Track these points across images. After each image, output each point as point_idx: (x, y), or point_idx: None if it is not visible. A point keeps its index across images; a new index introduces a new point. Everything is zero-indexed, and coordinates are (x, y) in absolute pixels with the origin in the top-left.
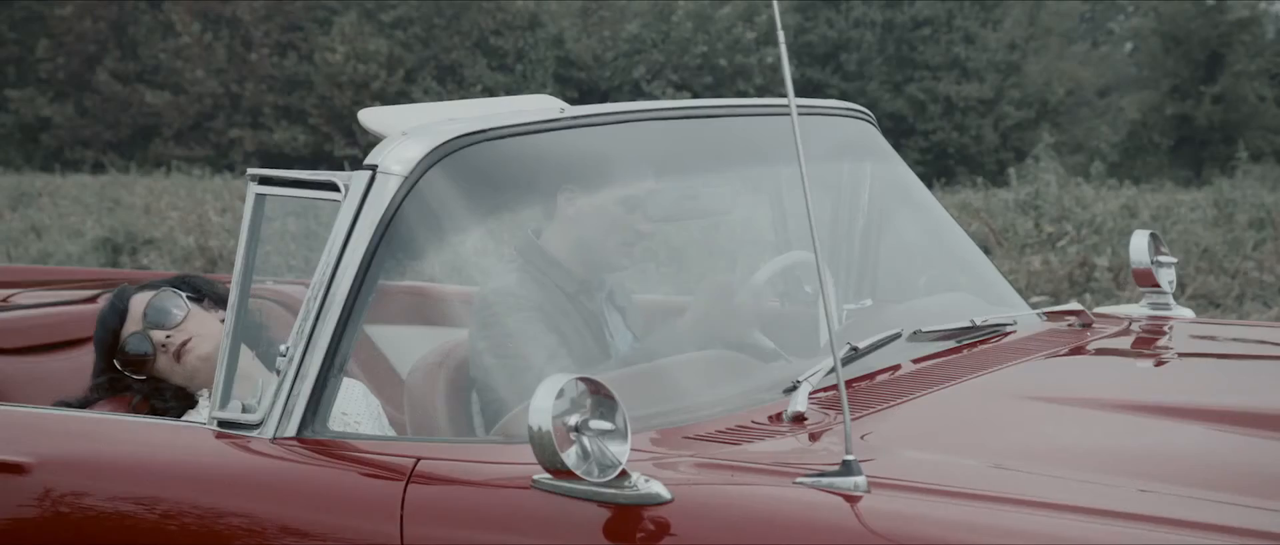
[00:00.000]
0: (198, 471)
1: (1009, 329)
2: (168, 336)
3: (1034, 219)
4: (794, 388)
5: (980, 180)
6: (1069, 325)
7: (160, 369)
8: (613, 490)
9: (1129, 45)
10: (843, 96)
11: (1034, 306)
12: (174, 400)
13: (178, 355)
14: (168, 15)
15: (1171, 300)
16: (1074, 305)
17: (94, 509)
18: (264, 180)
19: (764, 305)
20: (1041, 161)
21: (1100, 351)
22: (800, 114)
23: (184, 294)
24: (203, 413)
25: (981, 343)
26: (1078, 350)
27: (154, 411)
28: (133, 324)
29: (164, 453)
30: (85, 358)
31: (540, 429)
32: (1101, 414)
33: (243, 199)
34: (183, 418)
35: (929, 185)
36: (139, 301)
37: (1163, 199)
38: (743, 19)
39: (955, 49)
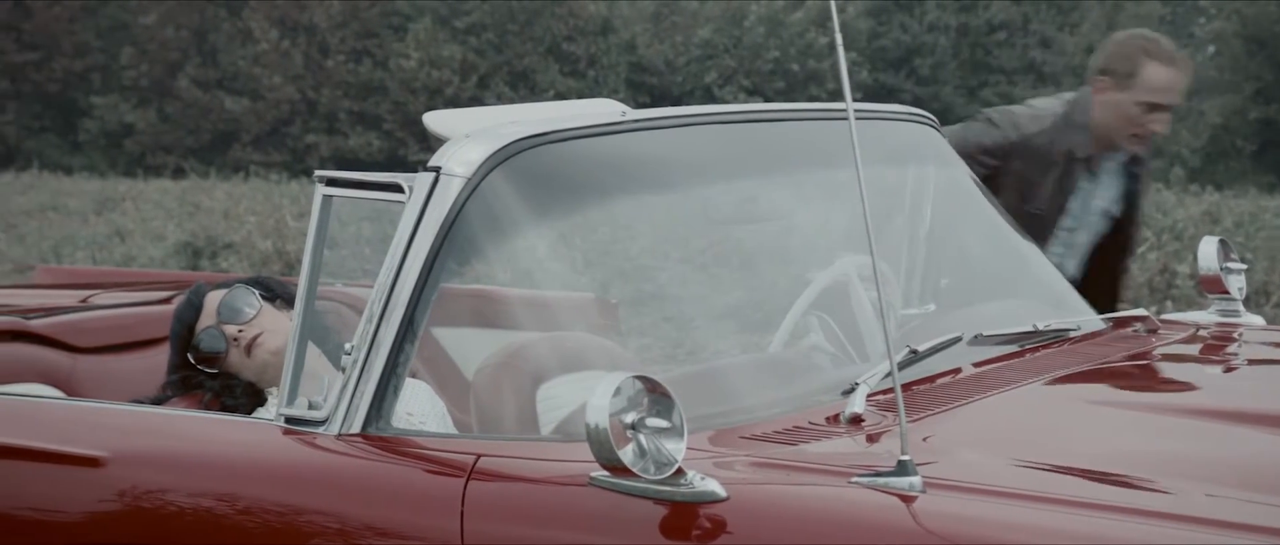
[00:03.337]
0: (265, 466)
1: (1072, 334)
2: (239, 331)
3: None
4: (852, 389)
5: None
6: (1134, 331)
7: (231, 363)
8: (669, 488)
9: (1210, 48)
10: (916, 101)
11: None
12: (244, 397)
13: (248, 350)
14: (247, 22)
15: (1241, 307)
16: (1140, 311)
17: (165, 502)
18: (331, 182)
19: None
20: None
21: (1166, 357)
22: (861, 118)
23: (256, 292)
24: (271, 410)
25: (1043, 347)
26: (1142, 356)
27: (225, 408)
28: (206, 319)
29: (233, 448)
30: (160, 357)
31: (597, 426)
32: (1165, 419)
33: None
34: (252, 414)
35: None
36: (213, 298)
37: (1247, 205)
38: (815, 24)
39: (1031, 53)
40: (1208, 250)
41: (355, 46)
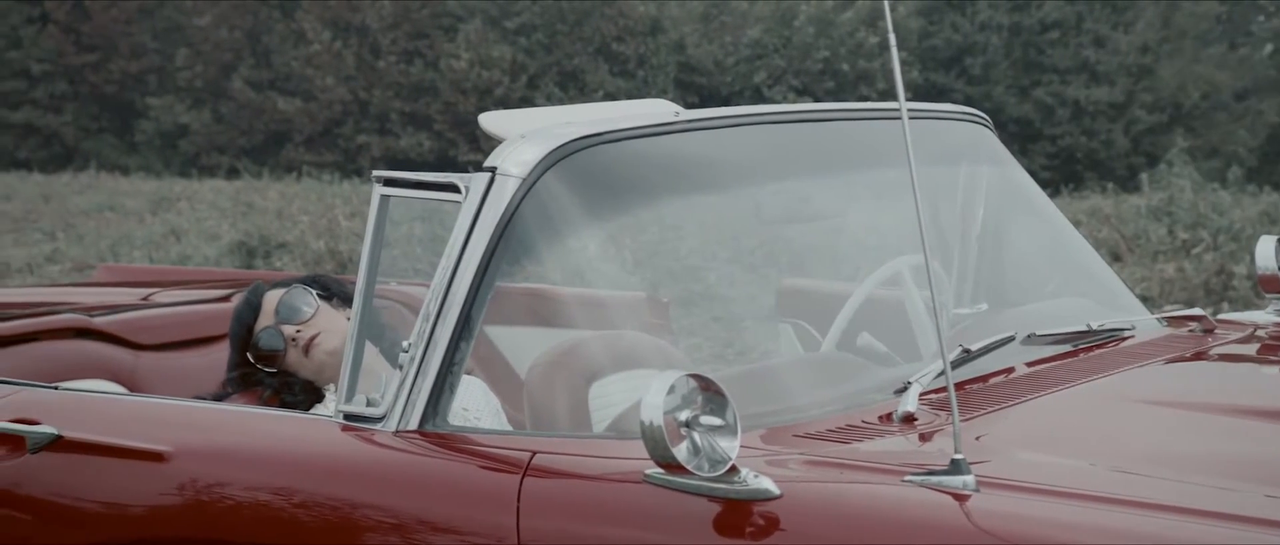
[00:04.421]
0: (324, 462)
1: (1127, 334)
2: (297, 331)
3: (1167, 226)
4: (904, 388)
5: (1110, 186)
6: (1190, 331)
7: (290, 363)
8: (723, 485)
9: (1268, 47)
10: (967, 101)
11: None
12: (302, 394)
13: (306, 349)
14: (300, 24)
15: None
16: (1196, 310)
17: (226, 496)
18: (389, 182)
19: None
20: (1175, 167)
21: (1222, 357)
22: (914, 117)
23: (314, 291)
24: (329, 406)
25: (1098, 347)
26: (1198, 356)
27: (284, 405)
28: (265, 319)
29: (292, 444)
30: (220, 354)
31: (652, 424)
32: (1221, 419)
33: (370, 202)
34: (310, 411)
35: (1056, 191)
36: (272, 298)
37: None
38: (865, 23)
39: (1085, 52)
40: (1266, 250)
41: (406, 47)
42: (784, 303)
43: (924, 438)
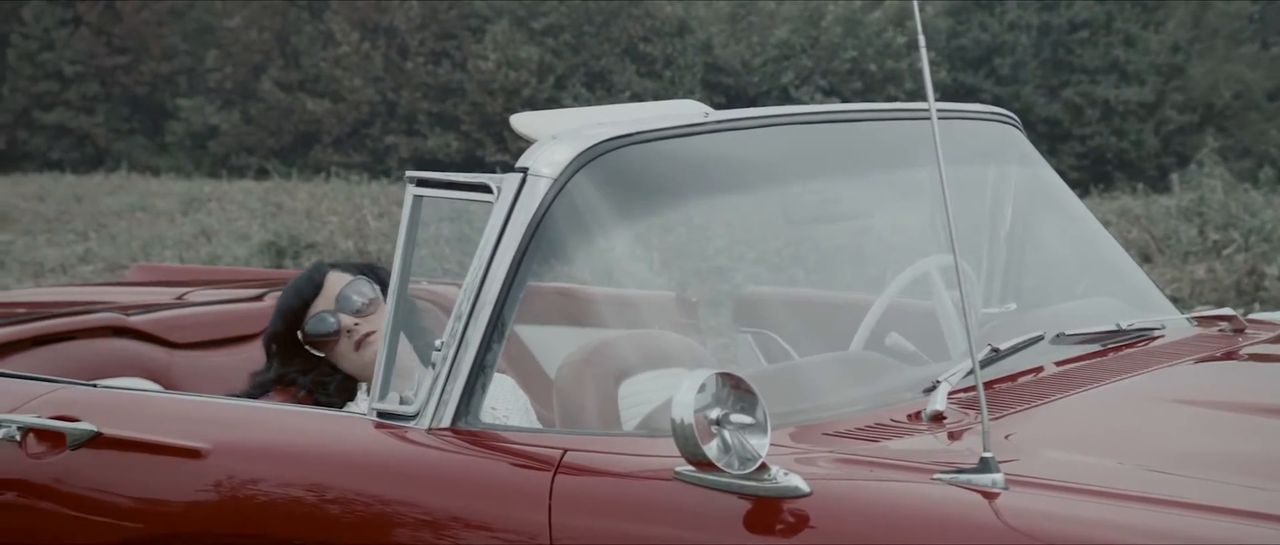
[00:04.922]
0: (358, 459)
1: (1156, 333)
2: (355, 324)
3: (1198, 226)
4: (933, 387)
5: (1140, 187)
6: (1220, 330)
7: (338, 351)
8: (753, 483)
9: None
10: (996, 101)
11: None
12: (336, 393)
13: (358, 345)
14: (328, 25)
15: None
16: (1226, 310)
17: (262, 492)
18: (422, 182)
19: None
20: (1206, 167)
21: (1252, 357)
22: (943, 117)
23: (378, 287)
24: (362, 405)
25: (1127, 346)
26: (1228, 355)
27: (318, 404)
28: (325, 302)
29: (327, 441)
30: (253, 353)
31: (683, 422)
32: (1251, 418)
33: (399, 204)
34: (344, 409)
35: (1086, 191)
36: (335, 281)
37: None
38: (893, 23)
39: (1115, 52)
40: None
41: (434, 48)
42: (741, 313)
43: (953, 436)
